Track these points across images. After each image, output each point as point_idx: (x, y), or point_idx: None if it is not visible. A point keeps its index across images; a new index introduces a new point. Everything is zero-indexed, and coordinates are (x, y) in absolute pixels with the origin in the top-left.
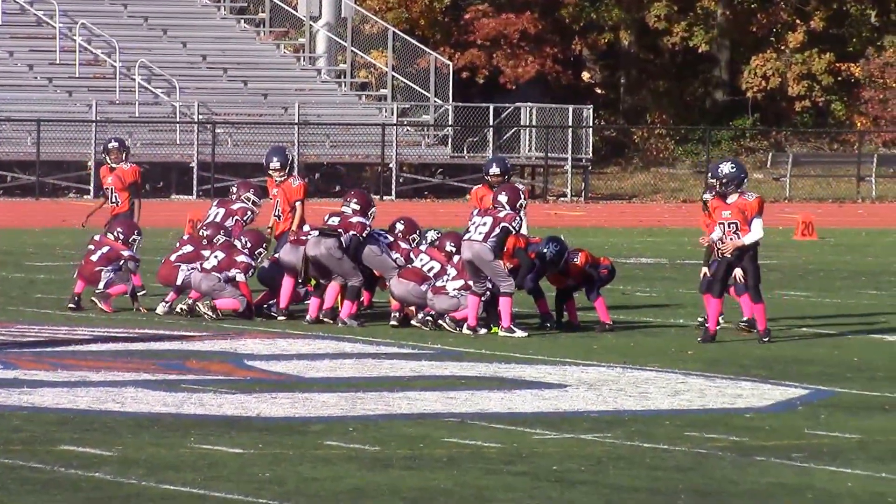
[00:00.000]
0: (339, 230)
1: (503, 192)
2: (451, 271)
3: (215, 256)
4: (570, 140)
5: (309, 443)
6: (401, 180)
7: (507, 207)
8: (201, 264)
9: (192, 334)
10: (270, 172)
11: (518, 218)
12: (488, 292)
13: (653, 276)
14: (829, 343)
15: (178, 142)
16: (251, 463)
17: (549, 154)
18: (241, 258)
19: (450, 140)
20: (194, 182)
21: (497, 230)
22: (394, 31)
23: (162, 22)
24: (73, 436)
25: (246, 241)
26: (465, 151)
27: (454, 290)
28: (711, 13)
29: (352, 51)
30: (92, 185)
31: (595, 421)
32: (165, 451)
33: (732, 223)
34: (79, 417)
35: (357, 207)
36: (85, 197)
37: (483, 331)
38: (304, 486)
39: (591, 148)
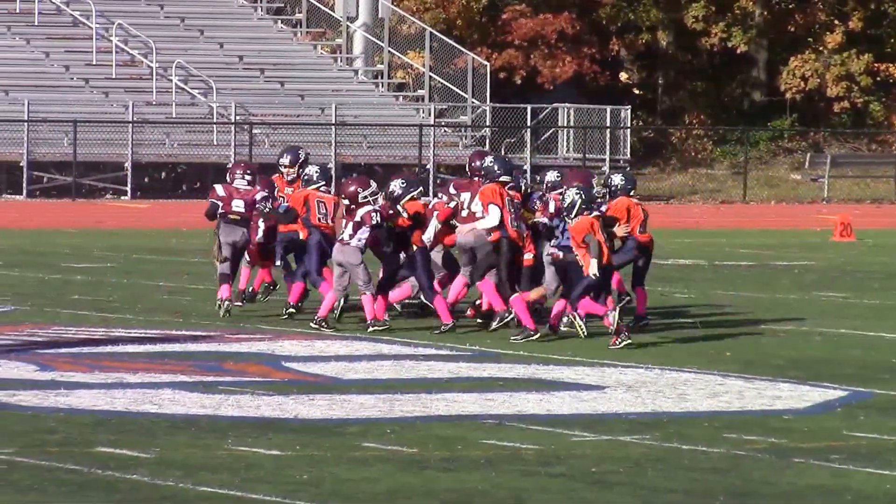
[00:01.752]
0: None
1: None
2: None
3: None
4: (607, 141)
5: (346, 444)
6: (438, 181)
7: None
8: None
9: (230, 336)
10: (281, 170)
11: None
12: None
13: (690, 278)
14: (866, 344)
15: (215, 143)
16: (288, 464)
17: (586, 155)
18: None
19: (487, 141)
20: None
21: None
22: (431, 32)
23: (199, 22)
24: (109, 437)
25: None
26: (503, 152)
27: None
28: (749, 14)
29: (389, 51)
30: (129, 185)
31: (633, 423)
32: (202, 453)
33: None
34: (115, 419)
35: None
36: (122, 198)
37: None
38: (341, 487)
39: (628, 149)
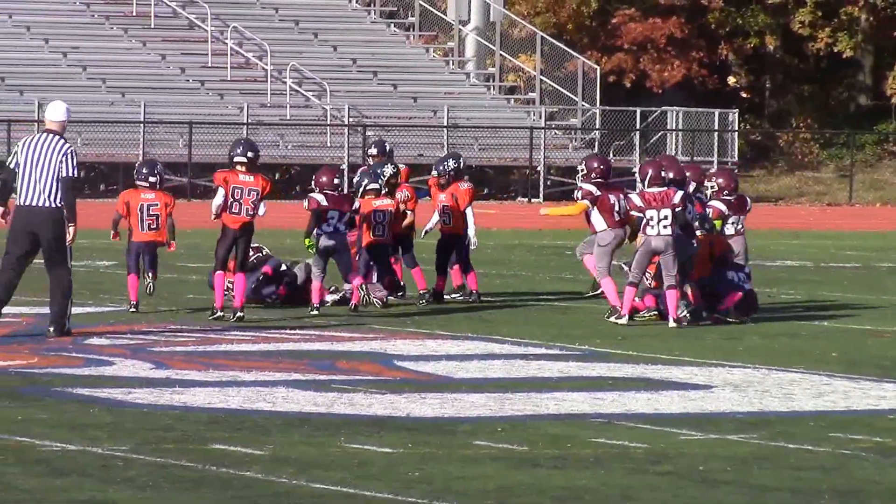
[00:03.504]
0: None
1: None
2: None
3: None
4: (715, 143)
5: (457, 442)
6: (548, 183)
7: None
8: None
9: (343, 335)
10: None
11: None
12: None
13: (796, 279)
14: None
15: (328, 144)
16: (400, 462)
17: (694, 157)
18: None
19: (597, 143)
20: (345, 183)
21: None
22: (542, 36)
23: (313, 25)
24: (224, 435)
25: None
26: (612, 155)
27: None
28: (855, 19)
29: (500, 55)
30: None
31: (740, 422)
32: (315, 451)
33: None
34: (230, 417)
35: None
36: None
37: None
38: (452, 485)
39: (736, 151)
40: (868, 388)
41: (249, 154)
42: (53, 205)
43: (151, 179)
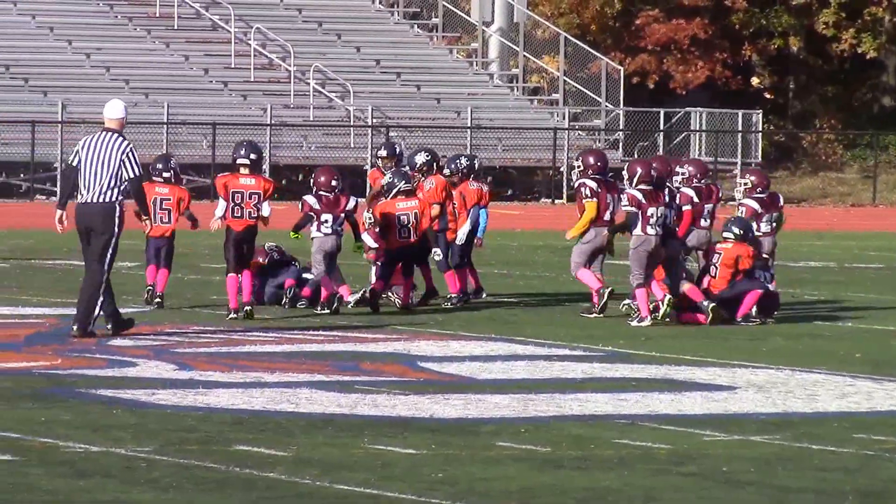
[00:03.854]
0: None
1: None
2: None
3: None
4: (739, 144)
5: (480, 443)
6: (572, 184)
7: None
8: None
9: (366, 336)
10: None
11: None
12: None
13: (820, 279)
14: None
15: (352, 145)
16: (423, 463)
17: (718, 158)
18: None
19: (620, 144)
20: (367, 184)
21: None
22: (565, 37)
23: (336, 27)
24: (247, 436)
25: None
26: (636, 155)
27: None
28: (879, 20)
29: (524, 56)
30: None
31: (763, 423)
32: (339, 452)
33: None
34: (253, 418)
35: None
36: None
37: None
38: (476, 486)
39: (760, 152)
40: (892, 389)
41: (252, 156)
42: (106, 200)
43: (165, 175)
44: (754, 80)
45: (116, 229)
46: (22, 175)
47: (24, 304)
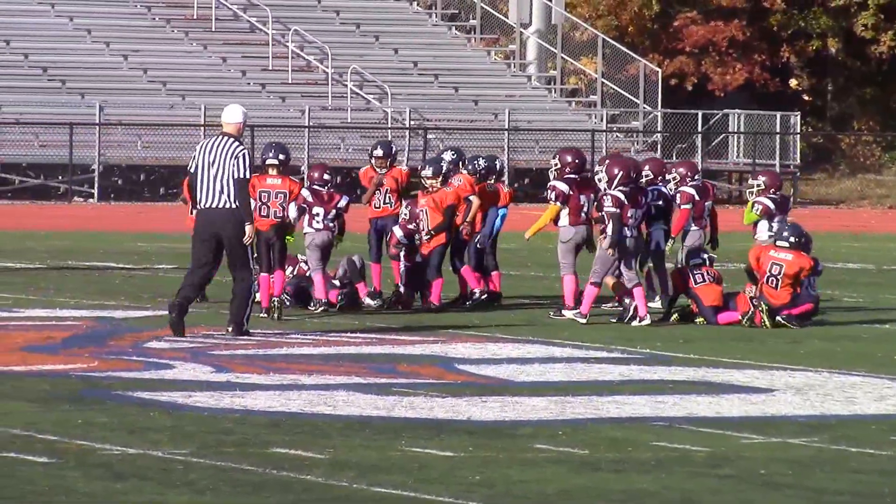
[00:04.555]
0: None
1: None
2: None
3: None
4: (777, 146)
5: (518, 446)
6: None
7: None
8: None
9: (403, 338)
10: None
11: None
12: None
13: (858, 281)
14: None
15: None
16: (461, 465)
17: (756, 160)
18: None
19: (659, 146)
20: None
21: None
22: (603, 39)
23: (374, 28)
24: (284, 438)
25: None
26: (674, 157)
27: None
28: None
29: (562, 57)
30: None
31: (801, 425)
32: (376, 454)
33: None
34: (290, 420)
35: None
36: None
37: None
38: (513, 488)
39: (798, 154)
40: None
41: (281, 157)
42: (232, 206)
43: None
44: (792, 82)
45: (244, 232)
46: (60, 177)
47: (61, 306)
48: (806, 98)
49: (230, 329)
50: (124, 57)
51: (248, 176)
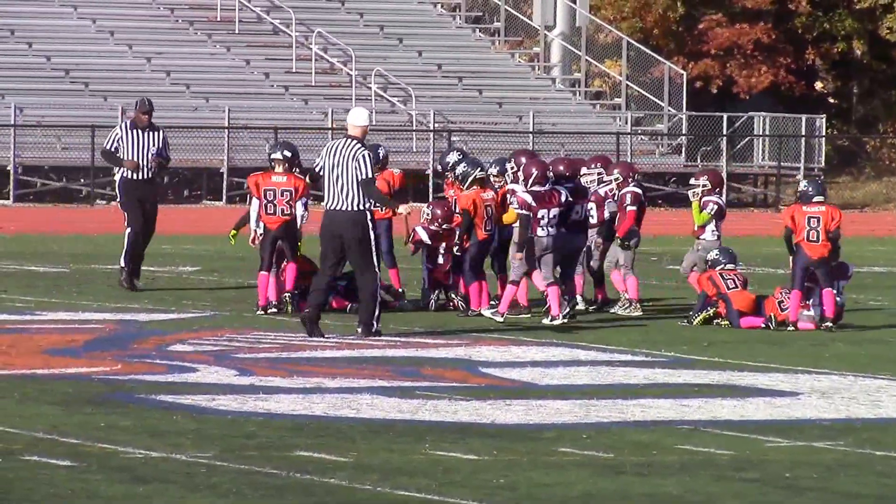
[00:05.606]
0: None
1: None
2: None
3: None
4: (802, 149)
5: (542, 449)
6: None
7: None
8: None
9: (428, 342)
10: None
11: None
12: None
13: (884, 285)
14: None
15: (413, 150)
16: (485, 469)
17: (781, 163)
18: None
19: (683, 149)
20: (430, 188)
21: None
22: (628, 41)
23: (398, 31)
24: (308, 441)
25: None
26: (699, 160)
27: None
28: None
29: (586, 60)
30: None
31: (826, 428)
32: (400, 457)
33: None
34: (314, 423)
35: None
36: (321, 204)
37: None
38: (537, 491)
39: (823, 157)
40: None
41: (286, 153)
42: (353, 208)
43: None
44: (818, 85)
45: (371, 234)
46: (82, 180)
47: (84, 309)
48: (831, 101)
49: (359, 330)
50: (147, 59)
51: (371, 175)
